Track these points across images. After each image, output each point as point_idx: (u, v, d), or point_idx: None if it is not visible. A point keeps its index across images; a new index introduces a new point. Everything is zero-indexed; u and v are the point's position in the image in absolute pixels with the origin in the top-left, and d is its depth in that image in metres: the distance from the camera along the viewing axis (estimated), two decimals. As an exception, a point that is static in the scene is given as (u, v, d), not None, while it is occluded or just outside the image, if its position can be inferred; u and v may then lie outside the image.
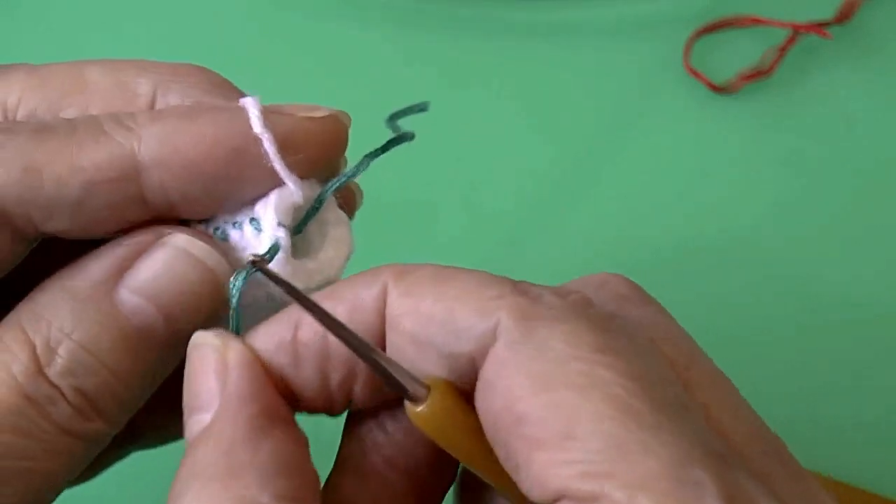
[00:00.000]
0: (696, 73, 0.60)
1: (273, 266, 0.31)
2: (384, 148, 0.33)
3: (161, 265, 0.31)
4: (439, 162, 0.57)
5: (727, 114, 0.60)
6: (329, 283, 0.32)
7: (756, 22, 0.62)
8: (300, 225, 0.33)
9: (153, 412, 0.34)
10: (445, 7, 0.63)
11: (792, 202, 0.57)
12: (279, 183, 0.32)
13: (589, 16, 0.63)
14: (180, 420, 0.30)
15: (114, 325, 0.30)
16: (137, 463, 0.39)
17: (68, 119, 0.32)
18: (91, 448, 0.31)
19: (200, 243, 0.31)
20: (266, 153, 0.31)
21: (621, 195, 0.57)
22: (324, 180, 0.33)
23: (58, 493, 0.31)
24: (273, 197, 0.32)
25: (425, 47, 0.61)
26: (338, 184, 0.32)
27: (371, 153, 0.33)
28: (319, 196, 0.33)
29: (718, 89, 0.60)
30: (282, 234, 0.32)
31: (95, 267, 0.31)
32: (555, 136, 0.59)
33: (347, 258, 0.33)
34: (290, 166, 0.31)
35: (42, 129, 0.31)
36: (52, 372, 0.30)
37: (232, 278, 0.31)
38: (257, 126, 0.31)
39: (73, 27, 0.62)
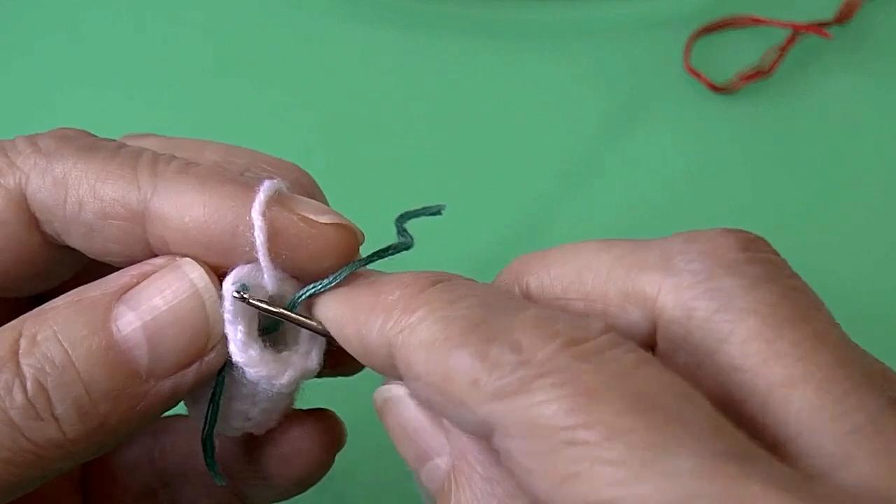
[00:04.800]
0: (696, 73, 0.60)
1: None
2: (378, 254, 0.32)
3: (158, 287, 0.31)
4: (439, 161, 0.57)
5: (727, 114, 0.60)
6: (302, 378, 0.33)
7: (756, 22, 0.62)
8: (276, 323, 0.33)
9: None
10: (446, 7, 0.63)
11: (791, 201, 0.57)
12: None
13: (589, 16, 0.63)
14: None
15: (99, 334, 0.30)
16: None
17: (119, 143, 0.33)
18: (42, 464, 0.30)
19: (204, 274, 0.31)
20: (254, 241, 0.31)
21: (621, 194, 0.57)
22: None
23: None
24: (246, 268, 0.32)
25: (425, 47, 0.61)
26: (311, 292, 0.32)
27: (359, 260, 0.32)
28: (292, 301, 0.32)
29: (718, 89, 0.60)
30: (231, 291, 0.31)
31: (111, 281, 0.31)
32: (555, 135, 0.59)
33: (302, 375, 0.33)
34: (275, 260, 0.31)
35: (91, 146, 0.32)
36: (25, 360, 0.29)
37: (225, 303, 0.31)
38: (255, 212, 0.30)
39: (72, 25, 0.63)
